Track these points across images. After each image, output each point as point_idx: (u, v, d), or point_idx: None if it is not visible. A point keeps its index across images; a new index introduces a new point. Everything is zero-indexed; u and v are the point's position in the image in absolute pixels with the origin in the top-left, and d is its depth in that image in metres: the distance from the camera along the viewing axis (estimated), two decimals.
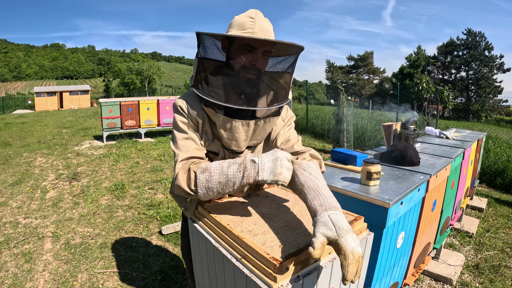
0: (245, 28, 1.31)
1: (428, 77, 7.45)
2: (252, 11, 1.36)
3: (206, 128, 1.42)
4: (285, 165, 1.12)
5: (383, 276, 1.74)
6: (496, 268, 3.16)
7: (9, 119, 18.30)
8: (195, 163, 1.30)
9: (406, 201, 1.68)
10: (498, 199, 5.35)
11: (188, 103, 1.39)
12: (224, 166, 1.18)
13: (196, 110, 1.39)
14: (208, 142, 1.44)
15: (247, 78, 1.32)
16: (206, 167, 1.21)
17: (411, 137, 2.58)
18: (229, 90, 1.32)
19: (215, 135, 1.44)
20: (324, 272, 1.03)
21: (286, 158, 1.12)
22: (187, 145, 1.36)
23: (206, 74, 1.34)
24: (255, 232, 1.13)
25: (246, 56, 1.31)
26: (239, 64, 1.32)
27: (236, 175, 1.15)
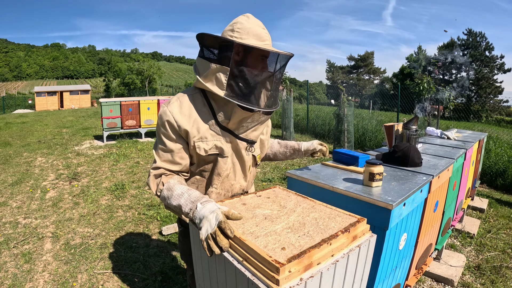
0: (263, 40, 1.45)
1: (429, 77, 7.43)
2: (256, 20, 1.49)
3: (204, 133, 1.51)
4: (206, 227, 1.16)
5: (385, 277, 1.73)
6: (497, 269, 3.14)
7: (10, 118, 18.30)
8: (167, 175, 1.48)
9: (408, 202, 1.66)
10: (499, 199, 5.34)
11: (179, 114, 1.48)
12: (182, 198, 1.32)
13: (187, 119, 1.49)
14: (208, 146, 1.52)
15: (267, 81, 1.51)
16: (171, 187, 1.39)
17: (413, 137, 2.56)
18: (256, 94, 1.49)
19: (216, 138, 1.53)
20: (326, 275, 1.02)
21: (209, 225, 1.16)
22: (164, 156, 1.50)
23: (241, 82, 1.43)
24: (257, 234, 1.12)
25: (261, 63, 1.47)
26: (257, 69, 1.46)
27: (185, 211, 1.28)
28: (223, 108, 1.50)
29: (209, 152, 1.52)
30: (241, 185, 1.70)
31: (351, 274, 1.15)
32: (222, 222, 1.12)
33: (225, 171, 1.59)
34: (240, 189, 1.71)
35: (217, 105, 1.52)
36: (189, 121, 1.48)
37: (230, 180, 1.64)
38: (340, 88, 8.61)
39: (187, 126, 1.47)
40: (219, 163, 1.56)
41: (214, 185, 1.61)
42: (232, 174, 1.64)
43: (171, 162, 1.50)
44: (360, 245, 1.16)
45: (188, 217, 1.27)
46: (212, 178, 1.60)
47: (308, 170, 2.03)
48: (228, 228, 1.11)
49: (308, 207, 1.36)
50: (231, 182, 1.65)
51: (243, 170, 1.67)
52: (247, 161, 1.65)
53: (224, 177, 1.61)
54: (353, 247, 1.15)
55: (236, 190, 1.69)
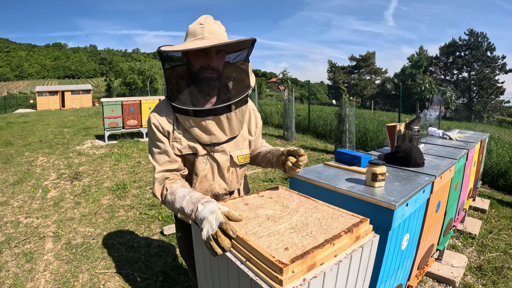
0: (196, 35, 1.49)
1: (431, 78, 7.42)
2: (202, 18, 1.53)
3: (179, 133, 1.57)
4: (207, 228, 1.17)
5: (388, 278, 1.73)
6: (499, 270, 3.14)
7: (11, 118, 18.33)
8: (169, 179, 1.51)
9: (411, 202, 1.66)
10: (500, 200, 5.33)
11: (160, 118, 1.55)
12: (184, 200, 1.35)
13: (166, 120, 1.55)
14: (182, 146, 1.57)
15: (207, 77, 1.51)
16: (174, 192, 1.42)
17: (415, 137, 2.56)
18: (195, 93, 1.52)
19: (189, 137, 1.58)
20: (329, 275, 1.02)
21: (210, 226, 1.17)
22: (162, 159, 1.55)
23: (173, 83, 1.53)
24: (260, 234, 1.12)
25: (202, 59, 1.49)
26: (197, 67, 1.51)
27: (188, 213, 1.30)
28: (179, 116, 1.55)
29: (183, 152, 1.57)
30: (220, 185, 1.70)
31: (353, 275, 1.15)
32: (223, 223, 1.13)
33: (202, 171, 1.62)
34: (221, 188, 1.71)
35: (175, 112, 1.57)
36: (168, 123, 1.55)
37: (208, 181, 1.66)
38: (341, 88, 8.61)
39: (166, 128, 1.54)
40: (196, 163, 1.60)
41: (193, 184, 1.65)
42: (210, 174, 1.66)
43: (169, 162, 1.55)
44: (363, 246, 1.16)
45: (191, 218, 1.29)
46: (192, 177, 1.65)
47: (311, 170, 2.03)
48: (229, 228, 1.12)
49: (311, 207, 1.36)
50: (209, 182, 1.67)
51: (220, 171, 1.67)
52: (221, 162, 1.64)
53: (201, 177, 1.64)
54: (356, 247, 1.14)
55: (216, 190, 1.70)
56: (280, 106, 14.91)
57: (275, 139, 10.67)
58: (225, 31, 1.58)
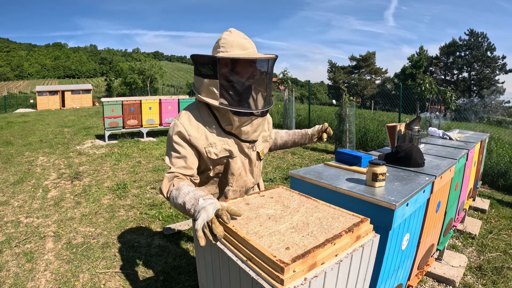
0: (246, 48, 1.65)
1: (431, 78, 7.42)
2: (237, 32, 1.69)
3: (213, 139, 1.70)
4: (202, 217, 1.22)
5: (388, 278, 1.73)
6: (499, 270, 3.14)
7: (11, 118, 18.32)
8: (179, 178, 1.61)
9: (411, 202, 1.66)
10: (500, 200, 5.33)
11: (189, 126, 1.67)
12: (187, 196, 1.40)
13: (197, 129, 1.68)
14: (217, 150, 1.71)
15: (251, 85, 1.71)
16: (180, 187, 1.49)
17: (415, 138, 2.56)
18: (246, 97, 1.70)
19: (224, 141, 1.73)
20: (330, 275, 1.02)
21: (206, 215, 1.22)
22: (178, 163, 1.64)
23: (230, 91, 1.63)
24: (261, 234, 1.12)
25: (251, 69, 1.66)
26: (247, 75, 1.66)
27: (188, 207, 1.35)
28: (225, 116, 1.69)
29: (219, 156, 1.71)
30: (251, 179, 1.91)
31: (354, 274, 1.16)
32: (220, 210, 1.21)
33: (237, 170, 1.80)
34: (251, 182, 1.93)
35: (220, 114, 1.71)
36: (198, 131, 1.67)
37: (242, 177, 1.86)
38: (342, 88, 8.60)
39: (196, 135, 1.66)
40: (231, 164, 1.77)
41: (230, 184, 1.83)
42: (243, 171, 1.85)
43: (184, 168, 1.64)
44: (363, 245, 1.16)
45: (190, 213, 1.33)
46: (227, 178, 1.81)
47: (311, 170, 2.03)
48: (225, 214, 1.19)
49: (312, 207, 1.36)
50: (243, 179, 1.87)
51: (251, 166, 1.88)
52: (253, 158, 1.85)
53: (237, 176, 1.82)
54: (356, 247, 1.15)
55: (249, 185, 1.92)
56: (280, 106, 14.90)
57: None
58: None
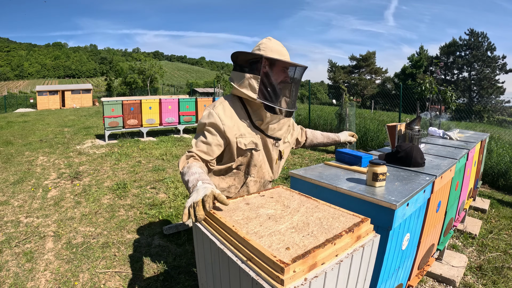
0: (283, 55, 1.82)
1: (431, 78, 7.41)
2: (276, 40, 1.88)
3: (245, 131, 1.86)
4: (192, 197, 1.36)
5: (388, 278, 1.73)
6: (499, 270, 3.14)
7: (11, 117, 18.33)
8: (195, 158, 1.75)
9: (412, 202, 1.66)
10: (500, 200, 5.33)
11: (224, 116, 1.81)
12: (192, 176, 1.55)
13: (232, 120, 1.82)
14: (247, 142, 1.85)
15: (284, 87, 1.85)
16: (191, 166, 1.64)
17: (415, 137, 2.56)
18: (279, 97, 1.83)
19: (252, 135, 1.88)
20: (330, 275, 1.02)
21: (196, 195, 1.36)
22: (201, 146, 1.79)
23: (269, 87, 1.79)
24: (261, 234, 1.12)
25: (285, 73, 1.83)
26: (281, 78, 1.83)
27: (189, 186, 1.50)
28: (256, 112, 1.86)
29: (247, 147, 1.85)
30: (269, 174, 2.05)
31: (354, 274, 1.15)
32: (206, 196, 1.32)
33: (259, 162, 1.95)
34: (269, 177, 2.06)
35: (252, 109, 1.87)
36: (231, 121, 1.81)
37: (263, 169, 1.99)
38: (342, 88, 8.59)
39: (230, 125, 1.80)
40: (254, 156, 1.90)
41: (252, 174, 1.97)
42: (264, 164, 1.99)
43: (205, 153, 1.78)
44: (364, 245, 1.16)
45: (189, 192, 1.46)
46: (250, 169, 1.95)
47: (311, 170, 2.03)
48: (208, 202, 1.31)
49: (312, 207, 1.36)
50: (263, 171, 2.00)
51: (270, 162, 2.02)
52: (274, 154, 2.01)
53: (258, 167, 1.96)
54: (357, 247, 1.14)
55: (266, 178, 2.04)
56: None
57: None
58: None
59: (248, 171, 1.96)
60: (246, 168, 1.96)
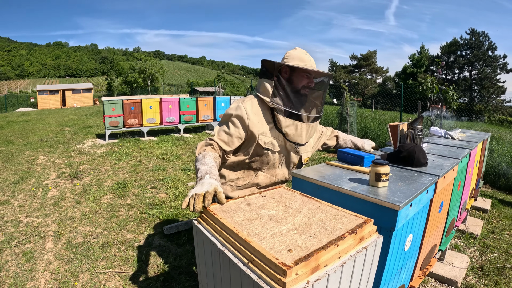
0: (304, 61, 1.93)
1: (433, 77, 7.39)
2: (302, 50, 2.00)
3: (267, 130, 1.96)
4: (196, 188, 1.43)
5: (391, 279, 1.71)
6: (501, 270, 3.12)
7: (12, 117, 18.33)
8: (213, 147, 1.83)
9: (415, 203, 1.64)
10: (502, 200, 5.32)
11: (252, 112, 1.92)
12: (205, 166, 1.63)
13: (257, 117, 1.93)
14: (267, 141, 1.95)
15: (305, 94, 1.96)
16: (206, 155, 1.71)
17: (418, 137, 2.54)
18: (297, 103, 1.93)
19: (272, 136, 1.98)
20: (333, 277, 1.00)
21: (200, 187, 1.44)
22: (223, 136, 1.90)
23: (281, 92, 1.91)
24: (263, 235, 1.10)
25: (306, 80, 1.93)
26: (301, 84, 1.93)
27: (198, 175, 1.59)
28: (278, 116, 1.93)
29: (266, 146, 1.96)
30: (283, 174, 2.18)
31: (357, 276, 1.14)
32: (207, 193, 1.38)
33: (272, 161, 2.05)
34: (282, 176, 2.18)
35: (276, 112, 1.94)
36: (257, 118, 1.92)
37: (275, 167, 2.11)
38: (343, 87, 8.58)
39: (255, 121, 1.90)
40: (269, 156, 2.02)
41: (263, 169, 2.08)
42: (278, 163, 2.10)
43: (225, 143, 1.89)
44: (367, 247, 1.14)
45: (196, 179, 1.58)
46: (262, 164, 2.06)
47: (313, 170, 2.01)
48: (207, 199, 1.37)
49: (314, 207, 1.34)
50: (276, 170, 2.12)
51: (287, 164, 2.15)
52: (293, 158, 2.13)
53: (270, 165, 2.08)
54: (360, 248, 1.13)
55: (279, 177, 2.16)
56: None
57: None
58: None
59: (259, 168, 2.07)
60: (259, 165, 2.06)
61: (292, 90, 1.91)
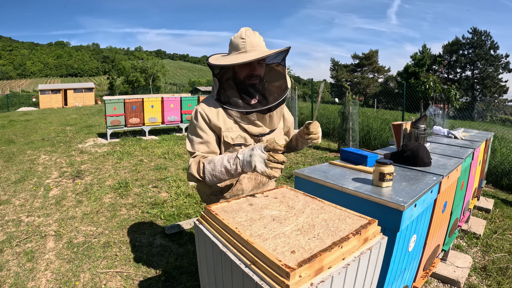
0: (239, 49, 1.76)
1: (435, 76, 7.37)
2: (242, 31, 1.78)
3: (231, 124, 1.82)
4: (258, 159, 1.49)
5: (394, 280, 1.69)
6: (504, 270, 3.10)
7: (13, 116, 18.35)
8: (204, 157, 1.75)
9: (419, 203, 1.62)
10: (504, 200, 5.29)
11: (210, 112, 1.80)
12: (224, 159, 1.61)
13: (217, 114, 1.80)
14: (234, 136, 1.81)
15: (251, 83, 1.78)
16: (212, 160, 1.67)
17: (421, 136, 2.52)
18: (242, 96, 1.80)
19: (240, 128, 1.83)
20: (337, 279, 0.99)
21: (259, 155, 1.49)
22: (202, 148, 1.79)
23: (223, 88, 1.80)
24: (265, 236, 1.08)
25: (246, 69, 1.76)
26: (243, 75, 1.77)
27: (232, 167, 1.58)
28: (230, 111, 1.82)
29: (235, 141, 1.81)
30: None
31: (361, 278, 1.12)
32: (268, 144, 1.47)
33: None
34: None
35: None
36: (217, 116, 1.80)
37: None
38: (345, 86, 8.55)
39: (214, 119, 1.78)
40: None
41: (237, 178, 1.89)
42: None
43: (207, 152, 1.79)
44: (371, 248, 1.12)
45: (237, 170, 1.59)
46: None
47: (316, 170, 1.99)
48: (272, 142, 1.46)
49: (317, 208, 1.32)
50: None
51: None
52: None
53: None
54: (364, 249, 1.11)
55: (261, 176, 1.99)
56: None
57: None
58: (263, 40, 1.83)
59: None
60: None
61: (236, 84, 1.79)
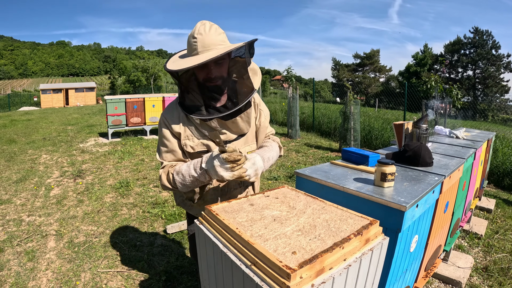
0: (191, 51, 1.56)
1: (437, 76, 7.35)
2: (196, 27, 1.55)
3: (191, 131, 1.70)
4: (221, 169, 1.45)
5: (396, 281, 1.68)
6: (505, 271, 3.09)
7: (15, 116, 18.37)
8: (172, 166, 1.69)
9: (421, 203, 1.61)
10: (506, 200, 5.27)
11: (171, 119, 1.71)
12: (191, 169, 1.57)
13: (177, 121, 1.70)
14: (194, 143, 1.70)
15: (211, 86, 1.61)
16: (179, 170, 1.61)
17: (423, 136, 2.51)
18: (204, 100, 1.64)
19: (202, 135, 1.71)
20: (338, 280, 0.98)
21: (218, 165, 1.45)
22: (168, 157, 1.73)
23: (184, 92, 1.66)
24: (266, 237, 1.07)
25: (203, 72, 1.58)
26: (201, 78, 1.60)
27: (200, 177, 1.54)
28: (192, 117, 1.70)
29: (196, 149, 1.70)
30: (236, 181, 1.83)
31: (362, 279, 1.11)
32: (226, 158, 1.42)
33: None
34: (236, 183, 1.86)
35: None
36: (178, 123, 1.69)
37: None
38: (346, 86, 8.55)
39: (176, 127, 1.69)
40: None
41: (211, 182, 1.76)
42: None
43: (175, 161, 1.73)
44: (372, 249, 1.12)
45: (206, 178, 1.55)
46: None
47: (317, 169, 1.98)
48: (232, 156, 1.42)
49: (319, 208, 1.32)
50: None
51: None
52: None
53: None
54: (365, 250, 1.10)
55: (232, 183, 1.84)
56: (284, 104, 14.87)
57: (279, 136, 10.59)
58: (221, 34, 1.60)
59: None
60: None
61: (197, 86, 1.63)
